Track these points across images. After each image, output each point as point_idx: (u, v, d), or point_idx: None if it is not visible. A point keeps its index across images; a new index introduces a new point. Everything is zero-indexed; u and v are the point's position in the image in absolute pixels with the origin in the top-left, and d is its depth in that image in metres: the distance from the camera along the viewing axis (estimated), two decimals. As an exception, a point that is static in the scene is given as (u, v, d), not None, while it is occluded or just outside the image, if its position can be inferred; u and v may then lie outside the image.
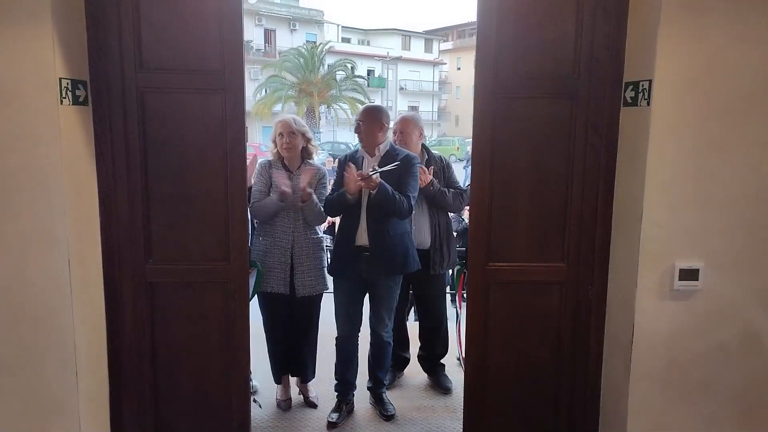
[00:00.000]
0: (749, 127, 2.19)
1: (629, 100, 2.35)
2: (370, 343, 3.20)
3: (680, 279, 2.27)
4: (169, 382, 2.60)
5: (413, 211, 3.06)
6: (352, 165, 2.94)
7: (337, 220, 3.48)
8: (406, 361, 3.75)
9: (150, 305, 2.54)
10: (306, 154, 3.22)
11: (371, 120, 3.06)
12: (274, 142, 3.23)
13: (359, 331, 3.19)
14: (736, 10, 2.13)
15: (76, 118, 2.26)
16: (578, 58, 2.42)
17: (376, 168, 2.93)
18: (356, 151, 3.18)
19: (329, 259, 3.39)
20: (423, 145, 3.52)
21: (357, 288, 3.12)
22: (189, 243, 2.52)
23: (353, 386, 3.24)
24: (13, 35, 2.08)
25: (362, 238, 3.01)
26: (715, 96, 2.18)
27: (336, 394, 3.21)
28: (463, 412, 2.66)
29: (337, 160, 3.20)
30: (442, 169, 3.51)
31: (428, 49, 44.93)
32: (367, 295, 3.17)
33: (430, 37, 45.52)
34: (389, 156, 3.04)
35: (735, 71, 2.16)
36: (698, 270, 2.27)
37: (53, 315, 2.25)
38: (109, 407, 2.54)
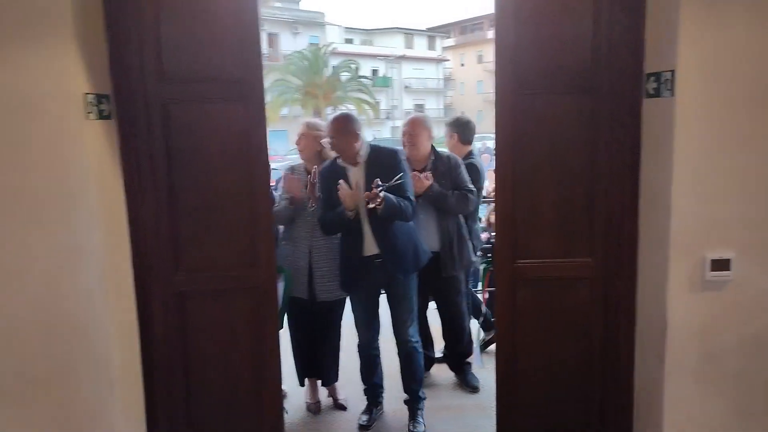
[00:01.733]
0: (773, 115, 2.18)
1: (651, 92, 2.34)
2: (398, 354, 3.11)
3: (712, 270, 2.26)
4: (202, 390, 2.61)
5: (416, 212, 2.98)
6: (342, 183, 2.81)
7: None
8: (431, 360, 3.75)
9: (180, 314, 2.56)
10: (324, 156, 3.22)
11: (344, 133, 2.86)
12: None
13: (379, 334, 3.17)
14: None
15: (101, 132, 2.28)
16: (598, 52, 2.41)
17: (381, 184, 2.75)
18: (334, 161, 2.98)
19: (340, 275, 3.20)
20: (432, 146, 3.47)
21: (372, 295, 3.09)
22: (216, 251, 2.54)
23: (381, 388, 3.24)
24: (37, 52, 2.10)
25: (371, 248, 2.92)
26: (741, 84, 2.17)
27: (366, 397, 3.21)
28: (496, 410, 2.65)
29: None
30: (449, 170, 3.39)
31: (431, 46, 44.92)
32: (386, 303, 3.11)
33: (432, 34, 45.50)
34: (373, 160, 2.91)
35: (760, 59, 2.15)
36: (729, 260, 2.25)
37: (88, 328, 2.27)
38: (145, 415, 2.56)
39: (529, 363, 2.60)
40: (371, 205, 2.76)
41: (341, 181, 2.83)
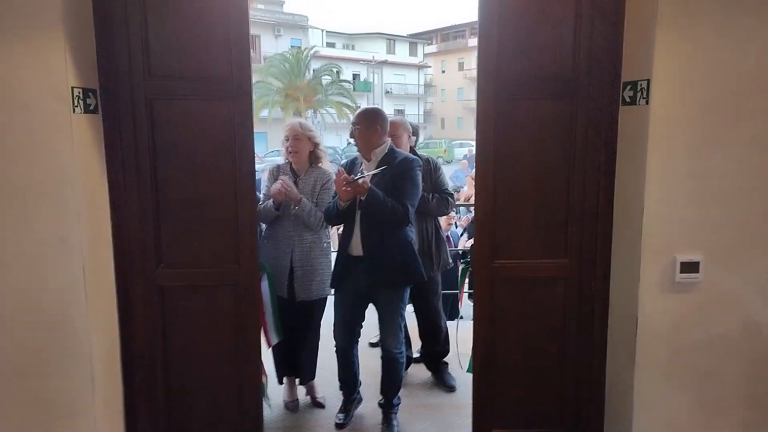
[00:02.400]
0: (746, 124, 2.28)
1: (628, 100, 2.43)
2: (381, 357, 3.11)
3: (681, 272, 2.35)
4: (182, 384, 2.63)
5: (410, 221, 2.93)
6: (341, 168, 2.87)
7: None
8: (409, 360, 3.80)
9: (161, 309, 2.57)
10: (314, 158, 3.25)
11: (365, 123, 2.93)
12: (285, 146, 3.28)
13: (357, 342, 3.15)
14: (730, 12, 2.22)
15: (87, 126, 2.30)
16: (577, 59, 2.49)
17: (364, 172, 2.84)
18: (356, 158, 3.11)
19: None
20: (411, 148, 3.54)
21: (357, 299, 3.04)
22: (199, 247, 2.56)
23: (357, 383, 3.24)
24: (26, 46, 2.11)
25: (357, 247, 2.91)
26: (712, 94, 2.27)
27: (342, 393, 3.24)
28: (473, 405, 2.71)
29: (340, 170, 2.96)
30: (429, 172, 3.48)
31: (413, 52, 45.15)
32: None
33: (414, 40, 45.75)
34: (386, 160, 2.92)
35: (731, 70, 2.24)
36: (698, 263, 2.34)
37: (69, 320, 2.28)
38: (124, 409, 2.57)
39: (506, 360, 2.66)
40: (347, 188, 2.75)
41: (339, 169, 2.86)
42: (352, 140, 3.10)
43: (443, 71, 46.07)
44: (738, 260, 2.36)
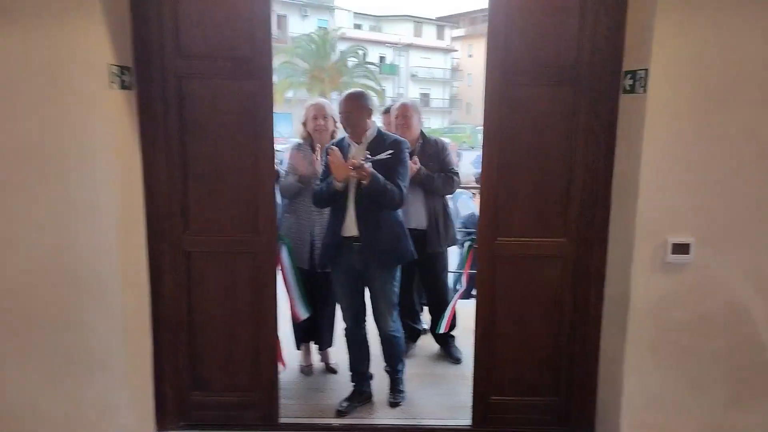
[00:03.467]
0: (738, 113, 2.38)
1: (628, 88, 2.54)
2: (379, 337, 3.16)
3: (672, 253, 2.47)
4: (204, 342, 2.85)
5: (405, 202, 2.96)
6: (336, 149, 2.84)
7: None
8: (418, 332, 3.98)
9: (187, 272, 2.78)
10: (333, 137, 3.43)
11: (359, 107, 2.95)
12: (304, 124, 3.45)
13: (365, 320, 3.19)
14: (728, 5, 2.31)
15: (122, 101, 2.50)
16: (581, 48, 2.61)
17: (369, 156, 2.82)
18: (342, 139, 3.09)
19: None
20: (421, 131, 3.71)
21: (353, 279, 3.06)
22: (222, 216, 2.76)
23: (368, 376, 3.27)
24: (67, 26, 2.30)
25: (351, 228, 2.92)
26: (706, 84, 2.37)
27: (352, 384, 3.24)
28: (473, 373, 2.89)
29: (324, 148, 3.12)
30: (437, 153, 3.64)
31: (440, 35, 44.81)
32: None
33: (442, 23, 45.36)
34: (377, 142, 2.94)
35: (725, 61, 2.35)
36: (689, 245, 2.47)
37: (101, 279, 2.50)
38: (152, 367, 2.80)
39: (505, 332, 2.83)
40: (352, 173, 2.76)
41: (334, 148, 2.85)
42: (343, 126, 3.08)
43: (470, 55, 45.64)
44: (727, 244, 2.48)
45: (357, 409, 3.16)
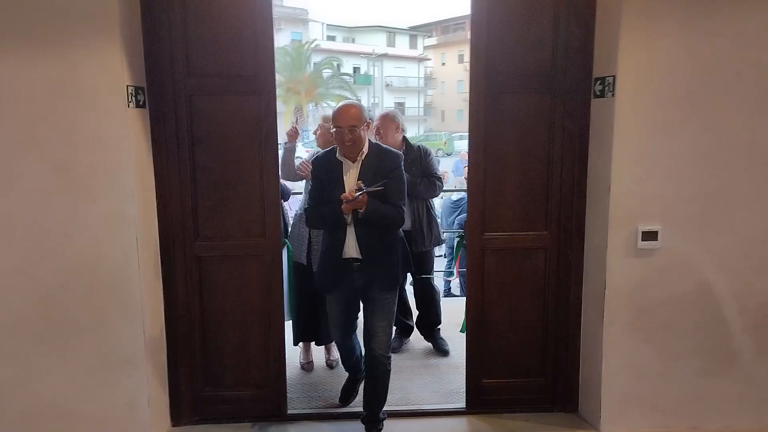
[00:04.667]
0: (699, 113, 2.68)
1: (598, 93, 2.83)
2: (366, 366, 2.92)
3: (643, 239, 2.76)
4: (216, 341, 3.04)
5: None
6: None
7: None
8: (410, 328, 4.21)
9: (198, 276, 2.98)
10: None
11: (361, 121, 2.72)
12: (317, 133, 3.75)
13: (355, 330, 3.12)
14: (685, 16, 2.62)
15: (138, 118, 2.71)
16: (555, 58, 2.89)
17: (363, 187, 2.63)
18: (330, 151, 2.86)
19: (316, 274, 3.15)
20: (404, 138, 3.90)
21: (353, 298, 2.92)
22: (230, 222, 2.96)
23: (361, 364, 3.15)
24: (89, 51, 2.52)
25: (351, 250, 2.78)
26: (670, 87, 2.67)
27: (348, 373, 3.31)
28: (466, 359, 3.13)
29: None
30: (419, 158, 3.81)
31: (413, 45, 45.42)
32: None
33: (414, 33, 46.00)
34: (370, 159, 2.75)
35: (686, 67, 2.65)
36: (657, 232, 2.75)
37: (124, 284, 2.70)
38: (167, 363, 2.99)
39: (495, 319, 3.08)
40: (347, 206, 2.64)
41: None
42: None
43: (443, 63, 46.34)
44: (692, 230, 2.77)
45: (355, 396, 3.27)
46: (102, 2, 2.49)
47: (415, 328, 4.22)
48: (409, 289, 4.20)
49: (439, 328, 4.14)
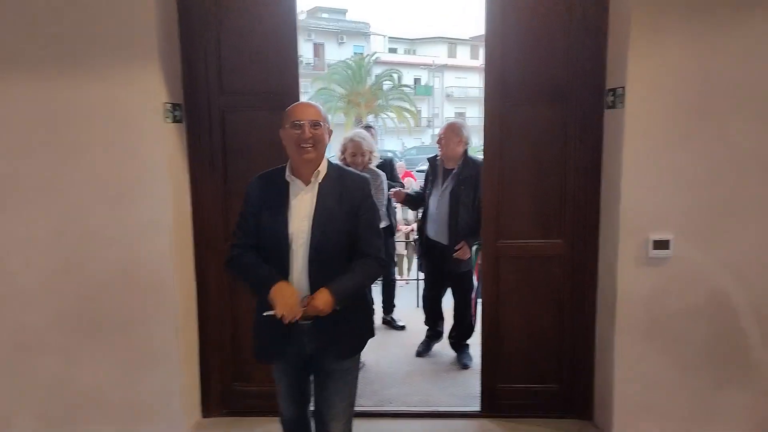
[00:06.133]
0: (709, 122, 2.69)
1: (610, 104, 2.88)
2: None
3: (654, 248, 2.77)
4: (246, 337, 3.23)
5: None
6: (283, 288, 1.96)
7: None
8: (440, 333, 4.31)
9: (230, 279, 3.21)
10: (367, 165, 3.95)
11: (324, 125, 2.11)
12: (343, 152, 3.95)
13: (308, 409, 2.32)
14: (691, 29, 2.64)
15: (175, 133, 2.98)
16: (568, 70, 2.96)
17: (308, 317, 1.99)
18: (274, 171, 2.20)
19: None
20: (465, 151, 3.88)
21: (300, 367, 2.19)
22: (259, 228, 3.18)
23: None
24: (127, 72, 2.79)
25: (301, 281, 2.03)
26: (678, 98, 2.69)
27: None
28: (481, 364, 3.22)
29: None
30: (476, 176, 3.69)
31: (474, 55, 45.17)
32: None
33: (475, 43, 45.74)
34: (330, 182, 2.09)
35: (691, 78, 2.66)
36: (669, 241, 2.76)
37: (160, 285, 2.95)
38: (199, 358, 3.23)
39: (510, 325, 3.15)
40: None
41: (285, 288, 1.96)
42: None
43: (505, 73, 45.77)
44: (704, 239, 2.76)
45: None
46: (142, 31, 2.76)
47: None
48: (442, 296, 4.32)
49: (467, 343, 4.14)
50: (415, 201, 4.41)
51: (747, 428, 2.84)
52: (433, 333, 4.26)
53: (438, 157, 4.04)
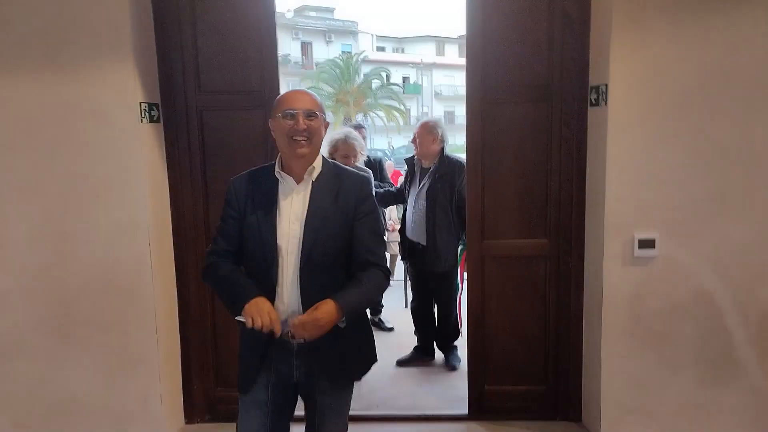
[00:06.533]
0: (692, 119, 2.66)
1: (593, 101, 2.84)
2: None
3: (639, 248, 2.74)
4: (227, 342, 3.19)
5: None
6: (262, 306, 1.71)
7: None
8: (431, 351, 4.19)
9: (210, 281, 3.15)
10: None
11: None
12: (333, 152, 3.89)
13: None
14: (674, 23, 2.61)
15: (152, 133, 2.91)
16: (551, 68, 2.92)
17: (290, 331, 1.76)
18: (262, 168, 1.95)
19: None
20: (441, 149, 3.84)
21: (283, 398, 1.90)
22: (240, 230, 3.12)
23: None
24: (102, 70, 2.72)
25: (290, 294, 1.80)
26: (662, 94, 2.65)
27: None
28: (467, 366, 3.18)
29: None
30: (452, 174, 3.76)
31: (462, 53, 44.99)
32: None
33: (464, 42, 45.82)
34: (325, 181, 1.87)
35: (675, 74, 2.63)
36: (654, 240, 2.73)
37: (138, 287, 2.89)
38: (181, 362, 3.17)
39: (495, 325, 3.11)
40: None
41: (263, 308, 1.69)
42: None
43: (493, 71, 45.89)
44: (690, 237, 2.73)
45: None
46: (116, 29, 2.69)
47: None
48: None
49: (455, 345, 4.09)
50: (386, 199, 4.36)
51: (734, 427, 2.81)
52: (423, 346, 4.18)
53: (415, 157, 4.01)
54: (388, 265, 1.96)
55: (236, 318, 1.79)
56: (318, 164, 1.88)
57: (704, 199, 2.70)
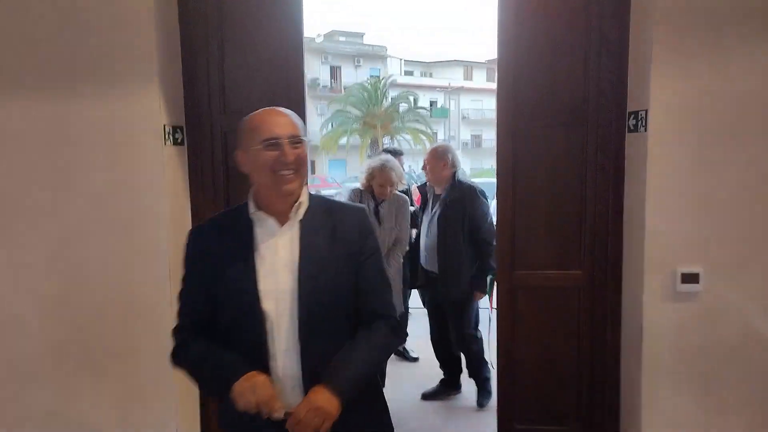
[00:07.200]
0: (737, 146, 2.51)
1: (632, 127, 2.71)
2: None
3: (682, 282, 2.57)
4: (246, 372, 3.10)
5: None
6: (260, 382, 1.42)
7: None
8: (457, 384, 4.05)
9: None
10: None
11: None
12: (369, 180, 3.65)
13: None
14: (716, 52, 2.48)
15: (175, 156, 2.86)
16: (587, 91, 2.80)
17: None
18: (232, 211, 1.68)
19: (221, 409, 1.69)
20: (453, 174, 3.74)
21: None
22: (262, 255, 3.04)
23: None
24: (128, 94, 2.68)
25: (291, 391, 1.49)
26: (705, 120, 2.51)
27: None
28: (497, 403, 3.02)
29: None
30: (462, 199, 3.64)
31: (490, 78, 45.28)
32: None
33: (491, 66, 45.92)
34: (314, 217, 1.56)
35: (717, 101, 2.49)
36: (698, 274, 2.56)
37: (157, 312, 2.80)
38: (199, 394, 3.07)
39: (526, 361, 2.96)
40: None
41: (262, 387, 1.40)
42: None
43: (521, 96, 45.81)
44: (736, 272, 2.56)
45: None
46: (143, 51, 2.66)
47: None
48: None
49: (487, 377, 3.89)
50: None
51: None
52: (449, 381, 4.03)
53: (427, 184, 3.95)
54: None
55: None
56: (305, 198, 1.55)
57: (751, 231, 2.54)
